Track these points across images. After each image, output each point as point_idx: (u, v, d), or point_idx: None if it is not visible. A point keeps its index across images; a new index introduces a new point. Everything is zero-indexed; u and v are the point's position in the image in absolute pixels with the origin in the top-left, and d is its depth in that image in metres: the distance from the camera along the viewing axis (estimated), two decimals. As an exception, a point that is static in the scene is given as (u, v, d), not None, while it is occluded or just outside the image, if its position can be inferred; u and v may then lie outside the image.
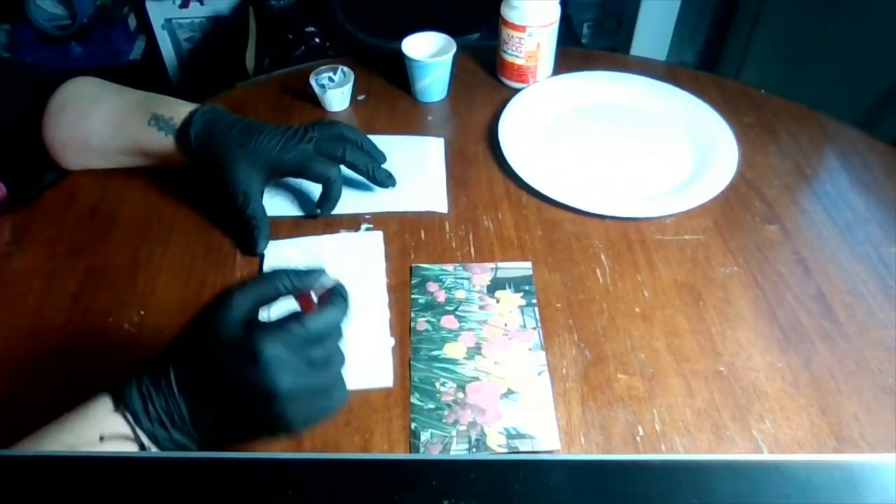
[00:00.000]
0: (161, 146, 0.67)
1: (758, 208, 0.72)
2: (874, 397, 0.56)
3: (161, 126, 0.66)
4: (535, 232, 0.70)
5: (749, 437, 0.53)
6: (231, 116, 0.67)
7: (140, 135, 0.67)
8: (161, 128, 0.66)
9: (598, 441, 0.53)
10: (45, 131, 0.68)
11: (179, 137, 0.66)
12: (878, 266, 0.66)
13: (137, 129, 0.67)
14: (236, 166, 0.64)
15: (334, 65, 0.85)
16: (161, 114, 0.66)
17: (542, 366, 0.58)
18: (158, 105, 0.67)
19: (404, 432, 0.54)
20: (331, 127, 0.68)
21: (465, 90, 0.89)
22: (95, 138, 0.69)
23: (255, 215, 0.66)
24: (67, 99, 0.68)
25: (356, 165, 0.68)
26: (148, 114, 0.66)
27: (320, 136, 0.66)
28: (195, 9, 1.68)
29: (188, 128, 0.65)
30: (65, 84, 0.68)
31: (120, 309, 0.62)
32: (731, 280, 0.65)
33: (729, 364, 0.58)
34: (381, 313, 0.62)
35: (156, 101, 0.68)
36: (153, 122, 0.66)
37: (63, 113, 0.67)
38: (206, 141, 0.65)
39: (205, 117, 0.66)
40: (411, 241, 0.69)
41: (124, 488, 0.24)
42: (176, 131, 0.66)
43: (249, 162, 0.64)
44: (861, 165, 0.77)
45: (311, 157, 0.65)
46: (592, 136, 0.82)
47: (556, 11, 0.83)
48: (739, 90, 0.88)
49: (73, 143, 0.69)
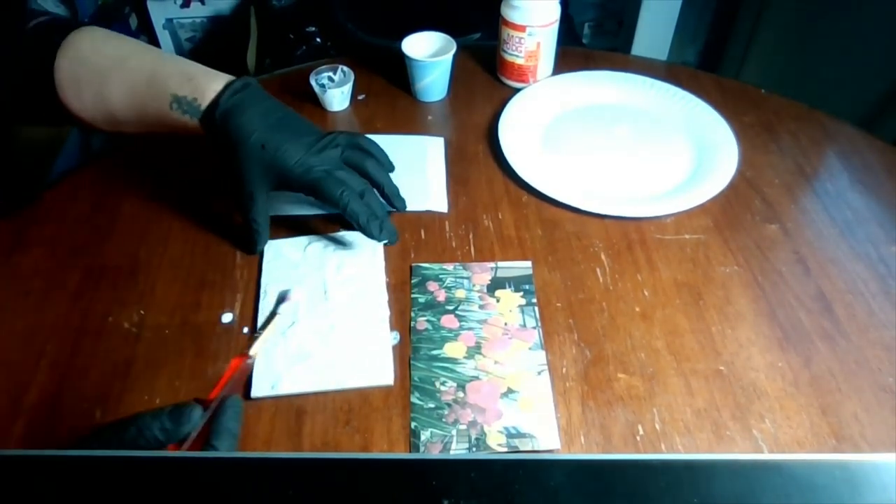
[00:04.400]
0: (187, 129, 0.63)
1: (758, 207, 0.72)
2: (874, 397, 0.56)
3: (185, 109, 0.62)
4: (535, 231, 0.70)
5: (749, 436, 0.53)
6: (263, 102, 0.63)
7: (165, 119, 0.63)
8: (185, 111, 0.62)
9: (598, 441, 0.53)
10: (71, 106, 0.64)
11: (205, 120, 0.62)
12: (878, 265, 0.66)
13: (160, 113, 0.63)
14: (251, 168, 0.62)
15: (334, 64, 0.85)
16: (183, 95, 0.62)
17: (542, 365, 0.58)
18: (178, 84, 0.62)
19: (404, 432, 0.54)
20: (355, 138, 0.67)
21: (465, 90, 0.89)
22: (122, 119, 0.65)
23: (257, 219, 0.65)
24: (80, 74, 0.63)
25: (377, 183, 0.67)
26: (168, 96, 0.62)
27: (346, 143, 0.65)
28: (196, 8, 1.68)
29: (214, 111, 0.61)
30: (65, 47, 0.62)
31: (120, 309, 0.62)
32: (731, 279, 0.65)
33: (729, 363, 0.58)
34: (382, 311, 0.62)
35: (174, 78, 0.62)
36: (175, 105, 0.62)
37: (81, 92, 0.63)
38: (229, 129, 0.61)
39: (232, 100, 0.61)
40: (411, 240, 0.69)
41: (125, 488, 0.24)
42: (201, 114, 0.62)
43: (265, 167, 0.62)
44: (861, 165, 0.77)
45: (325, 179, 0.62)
46: (592, 136, 0.82)
47: (556, 11, 0.83)
48: (740, 90, 0.88)
49: (100, 118, 0.65)
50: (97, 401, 0.56)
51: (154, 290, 0.64)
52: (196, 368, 0.58)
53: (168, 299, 0.63)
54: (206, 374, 0.58)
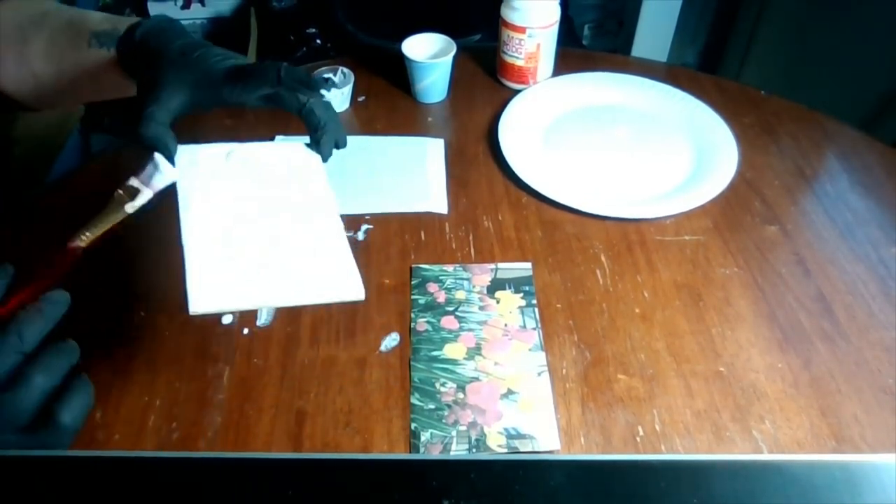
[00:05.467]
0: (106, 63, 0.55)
1: (758, 209, 0.72)
2: (874, 398, 0.56)
3: (103, 42, 0.54)
4: (535, 232, 0.70)
5: (749, 437, 0.53)
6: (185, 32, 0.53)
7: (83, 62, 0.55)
8: (103, 43, 0.54)
9: (598, 441, 0.53)
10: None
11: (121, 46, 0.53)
12: (878, 267, 0.66)
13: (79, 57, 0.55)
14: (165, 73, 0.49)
15: (335, 65, 0.86)
16: (102, 30, 0.55)
17: (542, 366, 0.58)
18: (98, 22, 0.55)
19: (404, 433, 0.54)
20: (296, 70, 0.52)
21: (465, 91, 0.89)
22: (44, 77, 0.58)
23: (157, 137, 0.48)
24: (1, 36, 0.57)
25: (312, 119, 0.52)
26: (87, 35, 0.55)
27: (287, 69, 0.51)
28: (196, 10, 1.68)
29: (132, 33, 0.52)
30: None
31: (120, 309, 0.62)
32: (731, 281, 0.65)
33: (729, 365, 0.58)
34: (332, 221, 0.51)
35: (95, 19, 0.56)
36: (94, 41, 0.54)
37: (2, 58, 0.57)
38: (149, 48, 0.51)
39: (152, 23, 0.53)
40: (411, 241, 0.69)
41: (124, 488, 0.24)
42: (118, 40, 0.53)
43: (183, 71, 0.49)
44: (861, 166, 0.77)
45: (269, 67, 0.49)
46: (592, 137, 0.82)
47: (556, 12, 0.83)
48: (739, 91, 0.88)
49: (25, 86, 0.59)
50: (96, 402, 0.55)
51: (154, 291, 0.64)
52: (196, 369, 0.58)
53: (168, 300, 0.63)
54: (207, 375, 0.58)
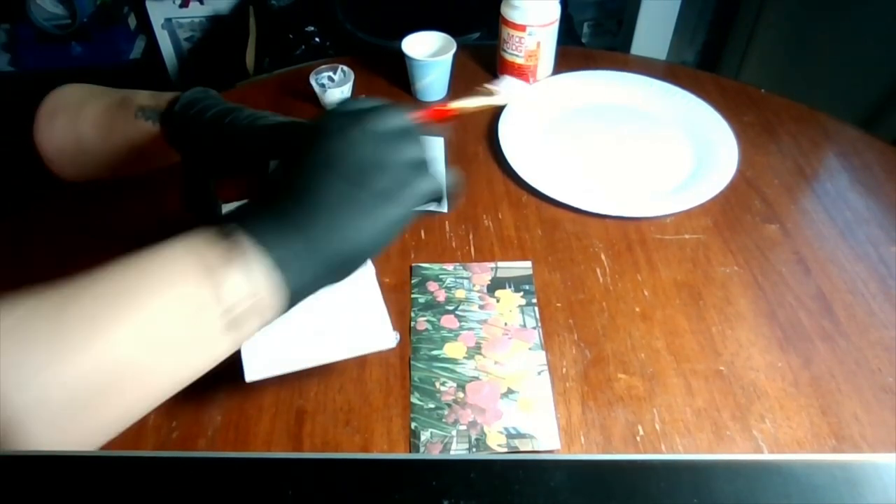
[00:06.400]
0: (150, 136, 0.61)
1: (758, 208, 0.72)
2: (874, 397, 0.56)
3: (148, 115, 0.60)
4: (535, 231, 0.70)
5: (749, 436, 0.53)
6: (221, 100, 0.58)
7: (129, 130, 0.61)
8: (148, 117, 0.60)
9: (598, 441, 0.53)
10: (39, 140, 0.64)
11: (164, 118, 0.59)
12: (878, 266, 0.66)
13: (126, 124, 0.61)
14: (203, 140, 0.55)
15: (334, 64, 0.85)
16: (148, 105, 0.60)
17: (542, 365, 0.58)
18: (146, 98, 0.61)
19: (404, 432, 0.54)
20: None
21: (465, 90, 0.89)
22: (88, 143, 0.64)
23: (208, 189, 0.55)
24: (58, 106, 0.64)
25: None
26: (135, 107, 0.61)
27: None
28: (195, 8, 1.68)
29: (172, 106, 0.58)
30: (52, 92, 0.64)
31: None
32: (731, 280, 0.65)
33: (729, 364, 0.58)
34: (366, 271, 0.55)
35: (143, 95, 0.62)
36: (140, 113, 0.60)
37: (54, 119, 0.64)
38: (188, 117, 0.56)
39: (192, 94, 0.58)
40: (411, 240, 0.69)
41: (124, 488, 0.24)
42: (160, 115, 0.59)
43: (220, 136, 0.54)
44: (861, 165, 0.77)
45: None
46: (592, 136, 0.82)
47: (556, 11, 0.83)
48: (739, 89, 0.88)
49: (67, 150, 0.65)
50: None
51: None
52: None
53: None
54: (206, 374, 0.57)
